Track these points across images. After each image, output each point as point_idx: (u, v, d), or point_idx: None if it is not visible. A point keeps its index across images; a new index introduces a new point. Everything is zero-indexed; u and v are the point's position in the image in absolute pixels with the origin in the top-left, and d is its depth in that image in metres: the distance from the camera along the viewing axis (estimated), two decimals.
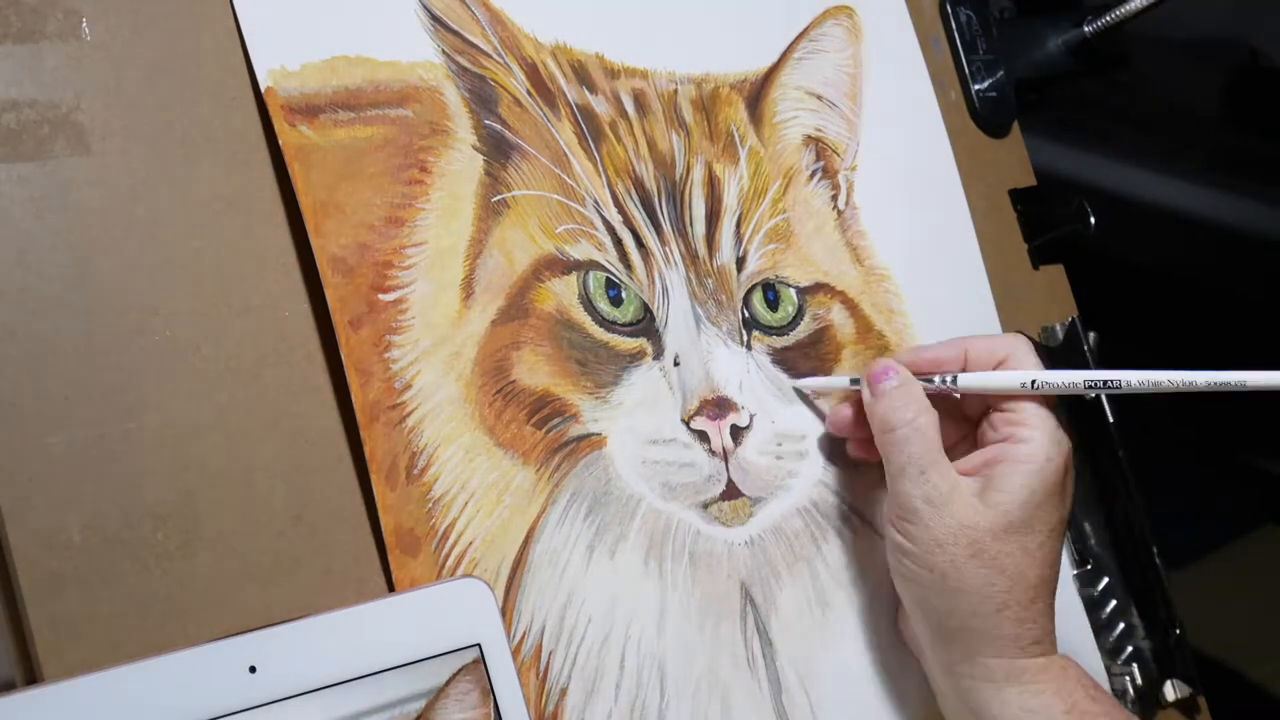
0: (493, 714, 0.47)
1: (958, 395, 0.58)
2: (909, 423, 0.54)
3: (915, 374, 0.57)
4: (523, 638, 0.51)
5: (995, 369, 0.57)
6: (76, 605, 0.44)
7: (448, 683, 0.46)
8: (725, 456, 0.57)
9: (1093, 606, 0.67)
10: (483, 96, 0.55)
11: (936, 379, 0.57)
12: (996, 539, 0.53)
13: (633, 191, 0.58)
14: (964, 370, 0.57)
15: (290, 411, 0.49)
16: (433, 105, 0.54)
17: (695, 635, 0.55)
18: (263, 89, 0.50)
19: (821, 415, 0.61)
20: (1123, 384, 0.55)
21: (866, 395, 0.56)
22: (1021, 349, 0.57)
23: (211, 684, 0.43)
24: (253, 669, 0.44)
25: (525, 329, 0.54)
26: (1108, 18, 0.74)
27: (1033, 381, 0.55)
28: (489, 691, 0.47)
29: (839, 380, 0.60)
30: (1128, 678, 0.66)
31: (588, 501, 0.54)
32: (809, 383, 0.60)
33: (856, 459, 0.60)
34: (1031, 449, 0.55)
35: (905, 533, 0.54)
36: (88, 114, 0.48)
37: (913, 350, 0.59)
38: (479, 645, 0.47)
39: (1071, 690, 0.54)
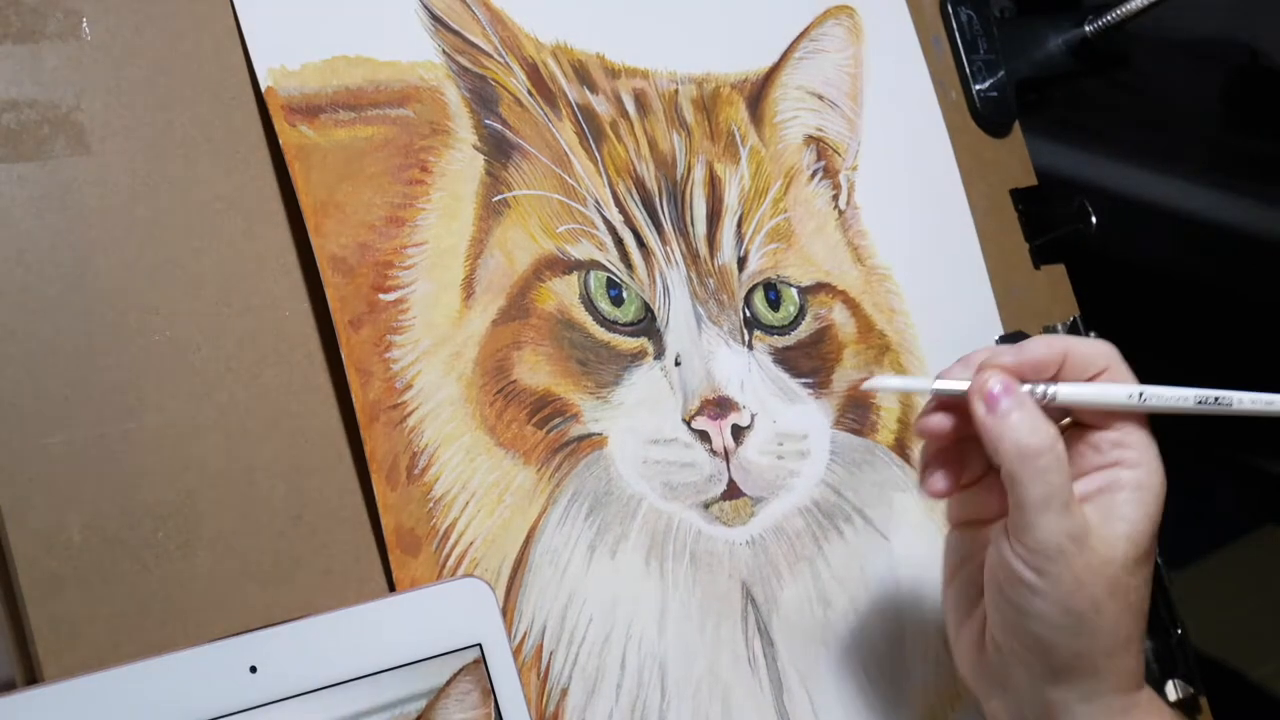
0: (493, 714, 0.47)
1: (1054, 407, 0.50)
2: (1050, 449, 0.47)
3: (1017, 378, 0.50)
4: (524, 638, 0.51)
5: (1094, 378, 0.50)
6: (76, 605, 0.44)
7: (448, 683, 0.46)
8: (726, 456, 0.57)
9: None
10: (483, 96, 0.55)
11: (1029, 387, 0.50)
12: (1130, 573, 0.49)
13: (634, 191, 0.58)
14: (1059, 377, 0.50)
15: (290, 411, 0.49)
16: (433, 105, 0.54)
17: (696, 635, 0.55)
18: (263, 89, 0.50)
19: (823, 414, 0.60)
20: (1233, 403, 0.49)
21: (982, 412, 0.49)
22: (1116, 359, 0.51)
23: (212, 684, 0.43)
24: (253, 669, 0.44)
25: (526, 329, 0.54)
26: (1108, 18, 0.74)
27: (1140, 394, 0.49)
28: (489, 691, 0.47)
29: (920, 382, 0.52)
30: None
31: (589, 501, 0.54)
32: (882, 382, 0.54)
33: (937, 493, 0.52)
34: (1146, 474, 0.50)
35: (1043, 571, 0.48)
36: (88, 114, 0.48)
37: (1012, 349, 0.51)
38: (479, 645, 0.47)
39: None
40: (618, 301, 0.56)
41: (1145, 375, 0.54)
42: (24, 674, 0.45)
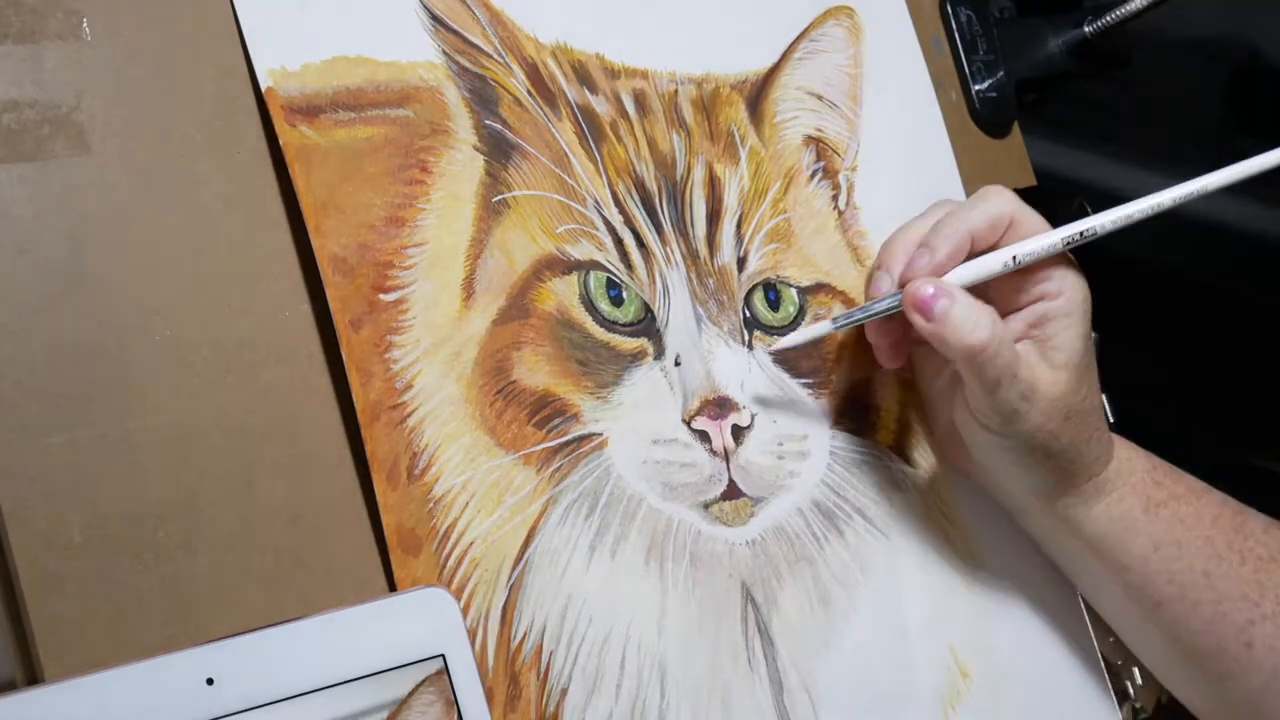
0: None
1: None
2: (992, 339, 0.53)
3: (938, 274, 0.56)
4: (524, 638, 0.51)
5: (1004, 234, 0.56)
6: (76, 605, 0.44)
7: (410, 694, 0.45)
8: (726, 456, 0.57)
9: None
10: (483, 96, 0.55)
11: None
12: (1076, 393, 0.55)
13: (633, 191, 0.58)
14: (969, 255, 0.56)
15: (290, 411, 0.49)
16: (433, 105, 0.54)
17: (696, 635, 0.55)
18: (263, 89, 0.50)
19: (823, 414, 0.60)
20: (1097, 229, 0.55)
21: (922, 321, 0.54)
22: (1010, 203, 0.57)
23: (168, 696, 0.42)
24: (210, 681, 0.43)
25: (526, 329, 0.54)
26: (1108, 18, 0.74)
27: (1014, 257, 0.55)
28: (453, 703, 0.46)
29: (820, 328, 0.59)
30: (1129, 678, 0.66)
31: (589, 502, 0.54)
32: (790, 341, 0.59)
33: (897, 366, 0.60)
34: (1069, 300, 0.56)
35: (1004, 431, 0.56)
36: (88, 114, 0.48)
37: (925, 249, 0.56)
38: (443, 656, 0.46)
39: (1140, 483, 0.59)
40: (617, 302, 0.56)
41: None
42: (24, 674, 0.45)
